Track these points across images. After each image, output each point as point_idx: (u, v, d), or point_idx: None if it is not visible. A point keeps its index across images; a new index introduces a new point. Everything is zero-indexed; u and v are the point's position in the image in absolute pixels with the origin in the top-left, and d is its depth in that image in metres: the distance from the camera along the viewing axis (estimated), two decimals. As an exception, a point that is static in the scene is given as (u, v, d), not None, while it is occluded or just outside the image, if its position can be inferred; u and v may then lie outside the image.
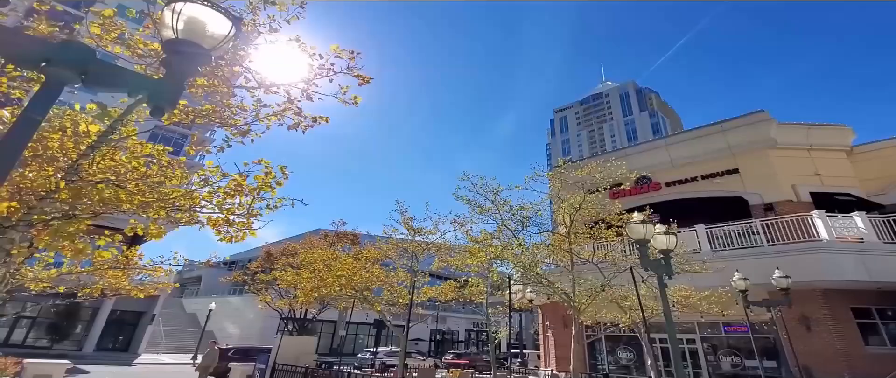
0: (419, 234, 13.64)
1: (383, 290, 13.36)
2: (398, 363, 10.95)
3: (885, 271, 12.65)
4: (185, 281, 52.71)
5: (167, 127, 30.57)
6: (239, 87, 4.40)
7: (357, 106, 4.56)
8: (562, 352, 17.90)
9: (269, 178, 4.71)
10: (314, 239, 26.52)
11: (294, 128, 4.57)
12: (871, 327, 13.40)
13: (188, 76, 2.39)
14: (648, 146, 22.96)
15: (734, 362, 14.71)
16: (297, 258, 18.77)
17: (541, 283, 11.65)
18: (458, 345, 48.44)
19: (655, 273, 7.82)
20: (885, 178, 17.30)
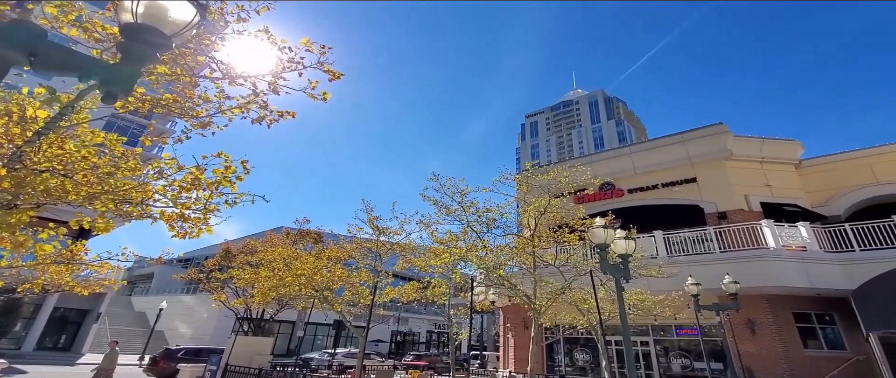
0: (384, 234, 13.66)
1: (345, 291, 13.29)
2: (356, 364, 10.91)
3: (824, 278, 13.74)
4: (136, 278, 50.84)
5: (125, 116, 29.29)
6: (203, 77, 4.31)
7: (325, 102, 4.51)
8: (521, 353, 18.35)
9: (228, 173, 4.61)
10: (276, 237, 25.96)
11: (258, 122, 4.49)
12: (811, 331, 14.51)
13: (146, 63, 2.33)
14: (613, 153, 23.86)
15: (684, 364, 15.58)
16: (256, 256, 18.35)
17: (503, 285, 11.94)
18: (420, 346, 48.88)
19: (614, 277, 8.25)
20: (828, 190, 18.78)
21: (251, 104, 4.39)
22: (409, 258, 13.76)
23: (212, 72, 4.26)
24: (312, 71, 4.31)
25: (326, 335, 41.24)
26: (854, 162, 18.87)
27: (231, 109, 4.43)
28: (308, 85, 4.34)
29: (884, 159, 18.48)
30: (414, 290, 13.59)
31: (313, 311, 16.56)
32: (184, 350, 18.43)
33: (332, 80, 4.40)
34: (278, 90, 4.27)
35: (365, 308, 13.08)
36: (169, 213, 4.61)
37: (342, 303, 12.99)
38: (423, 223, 13.70)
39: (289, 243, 22.22)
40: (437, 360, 28.36)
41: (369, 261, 13.66)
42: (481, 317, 33.20)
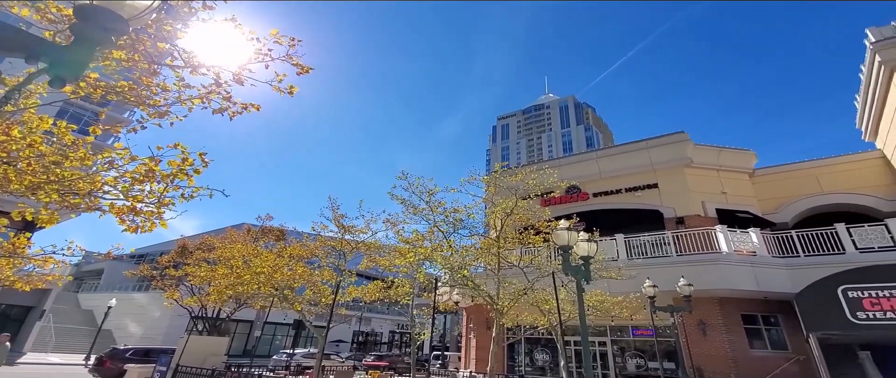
0: (350, 232, 13.62)
1: (306, 290, 13.18)
2: (314, 365, 10.84)
3: (771, 282, 14.74)
4: (84, 274, 48.85)
5: (80, 104, 27.95)
6: (164, 65, 4.17)
7: (292, 96, 4.45)
8: (482, 353, 18.73)
9: (185, 165, 4.51)
10: (236, 233, 25.31)
11: (220, 112, 4.40)
12: (757, 332, 15.53)
13: (100, 46, 2.29)
14: (581, 158, 24.63)
15: (638, 363, 16.35)
16: (214, 253, 17.86)
17: (467, 286, 12.16)
18: (382, 346, 48.93)
19: (575, 278, 8.59)
20: (778, 198, 20.11)
21: (213, 94, 4.29)
22: (373, 257, 13.76)
23: (173, 60, 4.14)
24: (280, 63, 4.25)
25: (286, 335, 40.73)
26: (802, 172, 20.30)
27: (191, 99, 4.32)
28: (275, 77, 4.27)
29: (828, 171, 19.99)
30: (377, 290, 13.60)
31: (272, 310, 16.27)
32: (132, 350, 17.88)
33: (300, 74, 4.35)
34: (243, 81, 4.18)
35: (326, 307, 13.00)
36: (119, 205, 4.47)
37: (303, 302, 12.87)
38: (389, 222, 13.75)
39: (250, 240, 21.72)
40: (399, 360, 28.67)
41: (333, 259, 13.59)
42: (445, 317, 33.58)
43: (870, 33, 17.08)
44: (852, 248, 14.57)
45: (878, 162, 19.58)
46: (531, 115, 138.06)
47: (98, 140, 20.46)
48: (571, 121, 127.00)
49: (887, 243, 14.31)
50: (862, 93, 19.65)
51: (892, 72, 16.47)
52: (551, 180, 14.09)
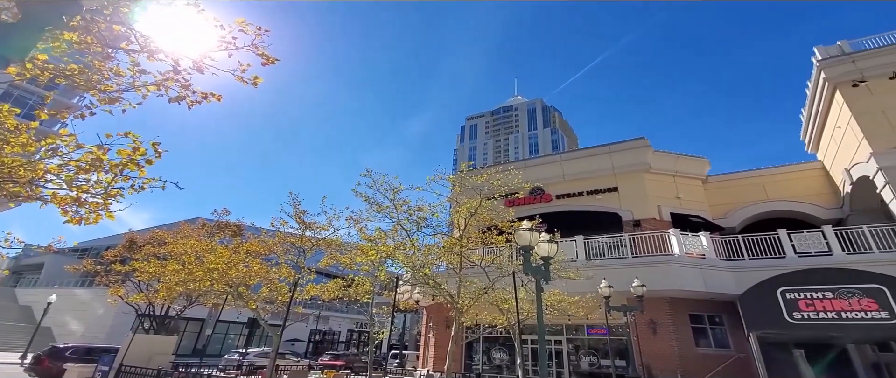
0: (311, 228, 13.53)
1: (262, 287, 12.98)
2: (268, 364, 10.71)
3: (718, 283, 15.71)
4: (22, 268, 46.85)
5: (26, 87, 26.33)
6: (119, 49, 4.04)
7: (256, 87, 4.40)
8: (441, 352, 19.04)
9: (137, 155, 4.38)
10: (189, 228, 24.56)
11: (177, 101, 4.27)
12: (702, 331, 16.53)
13: (49, 26, 2.24)
14: (545, 160, 25.30)
15: (592, 361, 17.08)
16: (165, 248, 17.28)
17: (428, 284, 12.35)
18: (339, 346, 48.67)
19: (535, 277, 8.92)
20: (727, 204, 21.44)
21: (170, 82, 4.16)
22: (334, 255, 13.71)
23: (128, 44, 4.01)
24: (245, 53, 4.16)
25: (239, 334, 39.91)
26: (750, 180, 21.73)
27: (146, 86, 4.19)
28: (239, 67, 4.18)
29: (773, 179, 21.50)
30: (337, 288, 13.56)
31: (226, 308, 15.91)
32: (73, 348, 17.15)
33: (265, 65, 4.28)
34: (204, 69, 4.07)
35: (283, 306, 12.87)
36: (62, 195, 4.33)
37: (258, 300, 12.68)
38: (352, 219, 13.75)
39: (204, 236, 21.10)
40: (356, 359, 28.64)
41: (292, 256, 13.46)
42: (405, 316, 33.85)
43: (817, 51, 18.50)
44: (792, 252, 15.75)
45: (819, 173, 21.23)
46: (500, 116, 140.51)
47: (44, 126, 19.32)
48: (539, 123, 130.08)
49: (823, 248, 15.55)
50: (807, 107, 21.21)
51: (834, 88, 17.89)
52: (516, 181, 14.43)
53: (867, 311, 12.63)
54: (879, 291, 12.88)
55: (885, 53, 17.04)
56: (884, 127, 16.09)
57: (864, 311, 12.69)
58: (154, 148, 4.51)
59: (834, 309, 12.94)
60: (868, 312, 12.63)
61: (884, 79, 16.80)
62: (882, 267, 13.96)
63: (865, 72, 17.09)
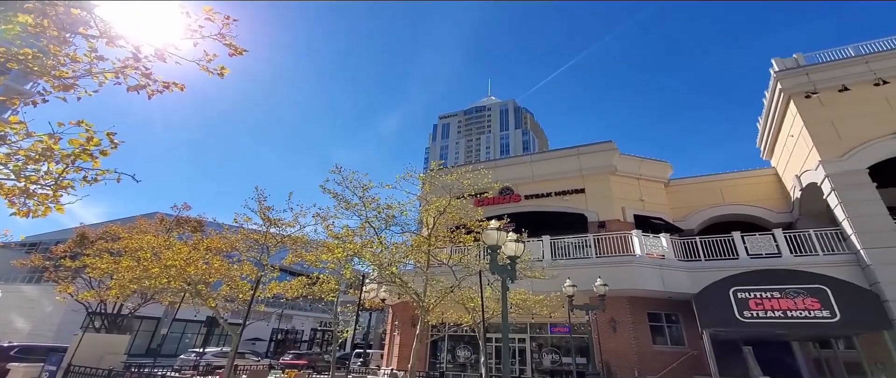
0: (276, 225, 13.32)
1: (223, 284, 12.71)
2: (226, 364, 10.51)
3: (675, 283, 16.44)
4: None
5: None
6: (77, 34, 3.86)
7: (222, 78, 4.30)
8: (405, 351, 19.06)
9: (90, 145, 4.18)
10: (146, 223, 23.72)
11: (136, 90, 4.12)
12: (660, 329, 17.27)
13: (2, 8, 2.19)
14: (516, 160, 25.73)
15: (553, 359, 17.60)
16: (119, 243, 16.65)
17: (395, 283, 12.41)
18: (302, 345, 48.20)
19: (501, 277, 9.10)
20: (686, 207, 22.42)
21: (130, 69, 4.00)
22: (300, 252, 13.56)
23: (87, 28, 3.85)
24: (211, 42, 4.05)
25: (197, 333, 38.89)
26: (708, 184, 22.79)
27: (104, 73, 4.02)
28: (204, 57, 4.07)
29: (730, 184, 22.62)
30: (301, 286, 13.41)
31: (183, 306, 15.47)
32: (18, 347, 16.31)
33: (233, 56, 4.17)
34: (166, 58, 3.95)
35: (244, 304, 12.64)
36: (10, 186, 4.15)
37: (218, 298, 12.41)
38: (319, 216, 13.62)
39: (162, 231, 20.44)
40: (318, 358, 28.46)
41: (255, 253, 13.22)
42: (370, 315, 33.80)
43: (774, 63, 19.57)
44: (745, 254, 16.64)
45: (772, 178, 22.48)
46: (472, 116, 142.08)
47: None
48: (510, 124, 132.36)
49: (773, 251, 16.51)
50: (763, 115, 22.39)
51: (789, 99, 18.96)
52: (486, 181, 14.64)
53: (810, 310, 13.51)
54: (822, 291, 13.79)
55: (835, 67, 18.19)
56: (832, 137, 17.19)
57: (808, 309, 13.56)
58: (109, 138, 4.33)
59: (781, 308, 13.78)
60: (811, 311, 13.51)
61: (834, 91, 17.94)
62: (825, 268, 14.96)
63: (818, 84, 18.20)
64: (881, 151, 16.30)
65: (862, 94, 17.48)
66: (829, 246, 15.99)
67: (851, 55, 18.36)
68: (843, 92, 17.80)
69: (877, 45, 18.23)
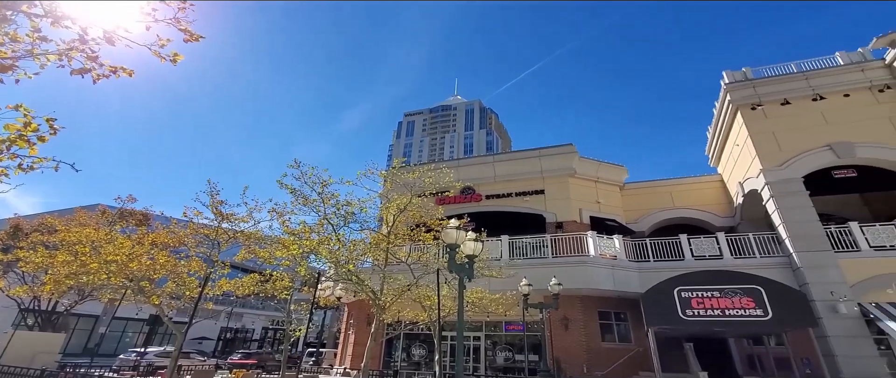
0: (228, 220, 13.00)
1: (168, 281, 12.28)
2: (169, 365, 10.16)
3: (626, 283, 17.22)
4: None
5: None
6: (20, 12, 3.65)
7: (175, 64, 4.16)
8: (360, 349, 19.09)
9: (27, 131, 3.99)
10: (86, 215, 22.47)
11: (80, 74, 3.91)
12: (609, 327, 18.06)
13: None
14: (478, 160, 26.09)
15: (507, 356, 18.08)
16: (56, 236, 15.74)
17: (351, 280, 12.39)
18: (252, 344, 47.20)
19: (459, 275, 9.24)
20: (639, 210, 23.48)
21: (75, 52, 3.80)
22: (253, 248, 13.28)
23: (31, 6, 3.66)
24: (165, 26, 3.92)
25: (138, 332, 37.23)
26: (660, 189, 23.96)
27: (47, 54, 3.81)
28: (157, 41, 3.95)
29: (680, 188, 23.87)
30: (253, 283, 13.11)
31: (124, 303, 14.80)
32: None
33: (188, 42, 4.07)
34: (115, 41, 3.78)
35: (191, 301, 12.27)
36: None
37: (162, 295, 11.98)
38: (275, 212, 13.38)
39: (104, 224, 19.46)
40: (269, 358, 28.00)
41: (205, 249, 12.85)
42: (325, 313, 33.39)
43: (725, 75, 20.76)
44: (690, 255, 17.64)
45: (718, 185, 23.88)
46: (438, 114, 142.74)
47: None
48: (475, 124, 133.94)
49: (716, 253, 17.58)
50: (713, 125, 23.71)
51: (736, 110, 20.17)
52: (447, 180, 14.80)
53: (746, 309, 14.51)
54: (757, 291, 14.83)
55: (779, 82, 19.52)
56: (773, 147, 18.45)
57: (744, 308, 14.55)
58: (49, 124, 4.14)
59: (719, 307, 14.71)
60: (746, 310, 14.51)
61: (777, 104, 19.25)
62: (761, 270, 16.10)
63: (763, 97, 19.48)
64: (815, 162, 17.67)
65: (801, 108, 18.84)
66: (766, 249, 17.19)
67: (794, 71, 19.75)
68: (785, 105, 19.12)
69: (817, 63, 19.69)
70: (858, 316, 14.18)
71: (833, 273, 15.16)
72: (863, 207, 20.85)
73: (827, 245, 15.79)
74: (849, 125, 17.91)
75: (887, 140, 17.05)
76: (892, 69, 18.13)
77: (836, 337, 14.08)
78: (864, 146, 17.27)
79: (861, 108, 18.12)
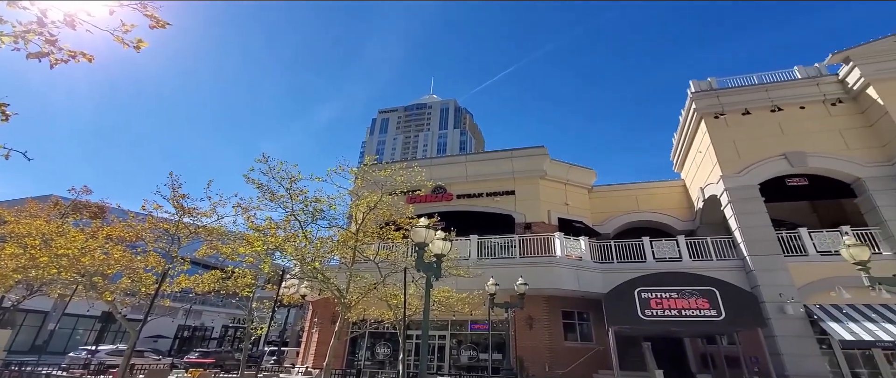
0: (190, 214, 12.67)
1: (123, 276, 11.87)
2: (121, 363, 9.82)
3: (590, 283, 17.68)
4: None
5: None
6: None
7: (139, 51, 4.03)
8: (323, 348, 18.96)
9: None
10: (37, 206, 21.42)
11: (37, 57, 3.77)
12: (571, 326, 18.52)
13: None
14: (451, 160, 26.23)
15: (471, 355, 18.32)
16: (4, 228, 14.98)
17: (316, 278, 12.26)
18: (211, 342, 45.96)
19: (426, 274, 9.27)
20: (606, 212, 24.13)
21: (32, 34, 3.66)
22: (215, 244, 12.97)
23: None
24: (130, 11, 3.81)
25: (90, 329, 35.75)
26: (625, 192, 24.69)
27: (1, 36, 3.64)
28: (120, 26, 3.81)
29: (645, 192, 24.65)
30: (214, 280, 12.81)
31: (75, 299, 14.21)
32: None
33: (154, 28, 3.97)
34: (76, 25, 3.65)
35: (146, 298, 11.91)
36: None
37: (116, 291, 11.57)
38: (241, 207, 13.10)
39: (56, 216, 18.63)
40: (228, 357, 27.30)
41: (164, 244, 12.47)
42: (288, 311, 32.83)
43: (692, 84, 21.54)
44: (652, 257, 18.27)
45: (681, 189, 24.78)
46: (413, 112, 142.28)
47: None
48: (450, 123, 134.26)
49: (675, 255, 18.28)
50: (678, 131, 24.55)
51: (701, 118, 20.96)
52: (419, 178, 14.82)
53: (701, 309, 15.11)
54: (711, 293, 15.46)
55: (741, 92, 20.41)
56: (733, 155, 19.29)
57: (699, 309, 15.16)
58: (0, 110, 3.99)
59: (676, 307, 15.28)
60: (701, 310, 15.12)
61: (738, 114, 20.13)
62: (717, 272, 16.81)
63: (726, 106, 20.35)
64: (771, 170, 18.58)
65: (760, 118, 19.77)
66: (722, 252, 17.99)
67: (755, 83, 20.70)
68: (746, 115, 20.03)
69: (777, 76, 20.68)
70: (804, 317, 15.04)
71: (782, 276, 16.01)
72: (812, 214, 22.05)
73: (778, 249, 16.67)
74: (803, 136, 18.90)
75: (837, 151, 18.08)
76: (844, 84, 19.23)
77: (783, 336, 14.89)
78: (816, 156, 18.25)
79: (815, 120, 19.15)
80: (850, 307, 14.73)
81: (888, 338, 12.72)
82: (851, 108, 18.94)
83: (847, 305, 14.80)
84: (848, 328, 13.48)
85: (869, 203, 16.97)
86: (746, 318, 14.74)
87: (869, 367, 14.75)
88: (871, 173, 17.21)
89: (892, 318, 13.84)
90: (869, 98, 18.19)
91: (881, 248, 15.96)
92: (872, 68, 18.13)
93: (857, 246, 9.23)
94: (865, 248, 9.17)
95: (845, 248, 9.25)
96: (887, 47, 18.22)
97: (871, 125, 18.12)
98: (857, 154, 17.78)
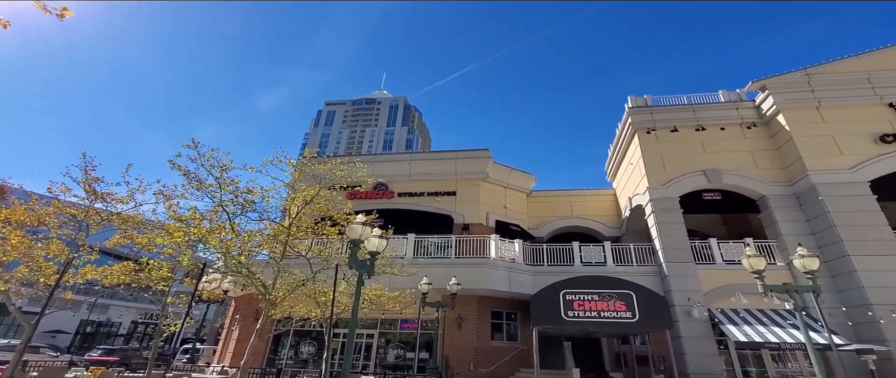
0: (103, 200, 11.78)
1: (21, 264, 10.84)
2: (12, 360, 8.95)
3: (520, 285, 18.26)
4: None
5: None
6: None
7: (62, 20, 3.74)
8: (242, 346, 18.39)
9: None
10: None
11: None
12: (499, 326, 19.07)
13: None
14: (395, 157, 26.19)
15: (398, 354, 18.40)
16: None
17: (240, 273, 11.79)
18: (118, 339, 43.10)
19: (358, 271, 9.09)
20: (542, 217, 25.00)
21: None
22: (130, 233, 12.13)
23: None
24: None
25: None
26: (561, 198, 25.70)
27: None
28: None
29: (579, 199, 25.80)
30: (125, 272, 11.98)
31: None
32: None
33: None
34: None
35: (46, 289, 10.97)
36: None
37: (11, 280, 10.57)
38: (163, 194, 12.33)
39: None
40: (135, 355, 25.78)
41: (70, 231, 11.51)
42: (207, 307, 31.39)
43: (629, 100, 22.72)
44: (579, 261, 19.16)
45: (611, 198, 26.13)
46: (361, 107, 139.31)
47: None
48: (398, 121, 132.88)
49: (601, 260, 19.27)
50: (614, 143, 25.83)
51: (635, 132, 22.16)
52: (360, 174, 14.61)
53: (618, 311, 16.03)
54: (628, 296, 16.42)
55: (672, 111, 21.82)
56: (660, 168, 20.57)
57: (616, 311, 16.07)
58: None
59: (596, 309, 16.11)
60: (618, 312, 16.03)
61: (667, 130, 21.50)
62: (636, 277, 17.90)
63: (657, 123, 21.67)
64: (691, 184, 20.03)
65: (686, 136, 21.24)
66: (643, 258, 19.19)
67: (685, 103, 22.20)
68: (674, 132, 21.45)
69: (704, 98, 22.35)
70: (707, 320, 16.36)
71: (692, 282, 17.32)
72: (722, 226, 24.01)
73: (691, 257, 18.02)
74: (721, 155, 20.52)
75: (748, 170, 19.78)
76: (759, 110, 21.05)
77: (688, 337, 16.12)
78: (730, 174, 19.87)
79: (732, 140, 20.85)
80: (746, 312, 16.18)
81: (775, 340, 14.10)
82: (763, 131, 20.77)
83: (744, 310, 16.25)
84: (743, 331, 14.81)
85: (770, 218, 18.69)
86: (657, 320, 15.79)
87: (757, 366, 16.31)
88: (774, 192, 18.96)
89: (780, 323, 15.35)
90: (778, 124, 20.01)
91: (776, 259, 17.63)
92: (784, 97, 19.97)
93: (756, 256, 10.20)
94: (762, 259, 10.15)
95: (746, 258, 10.19)
96: (797, 80, 20.14)
97: (779, 148, 19.96)
98: (765, 174, 19.54)
